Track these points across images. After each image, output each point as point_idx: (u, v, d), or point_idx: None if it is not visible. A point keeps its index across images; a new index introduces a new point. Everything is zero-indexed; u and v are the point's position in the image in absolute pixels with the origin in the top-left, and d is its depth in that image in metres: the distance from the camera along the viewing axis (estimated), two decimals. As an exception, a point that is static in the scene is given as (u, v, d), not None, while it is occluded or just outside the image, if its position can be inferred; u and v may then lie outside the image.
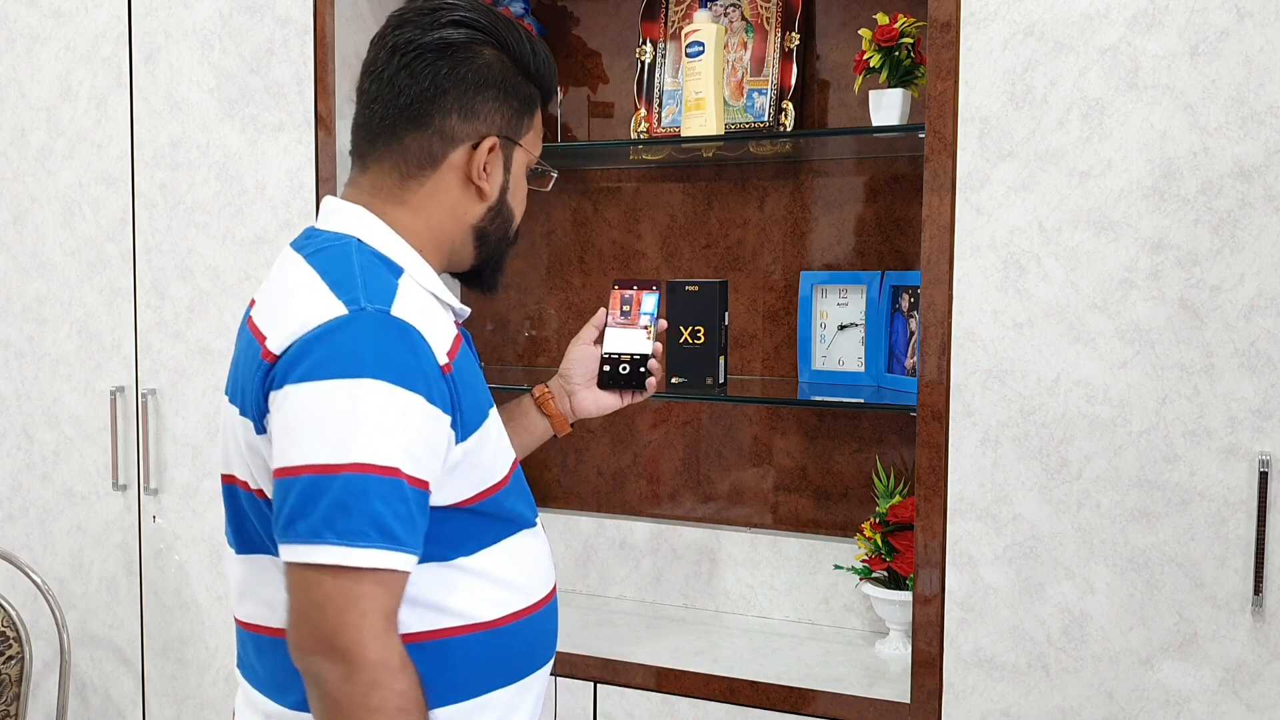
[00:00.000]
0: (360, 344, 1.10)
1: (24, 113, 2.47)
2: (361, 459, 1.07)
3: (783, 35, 2.18)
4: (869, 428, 2.22)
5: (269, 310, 1.18)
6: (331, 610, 1.07)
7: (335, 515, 1.07)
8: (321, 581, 1.08)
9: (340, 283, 1.14)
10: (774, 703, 1.92)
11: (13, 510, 2.55)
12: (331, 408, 1.08)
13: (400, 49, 1.23)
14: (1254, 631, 1.62)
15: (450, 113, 1.24)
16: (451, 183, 1.26)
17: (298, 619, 1.11)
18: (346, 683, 1.08)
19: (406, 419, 1.10)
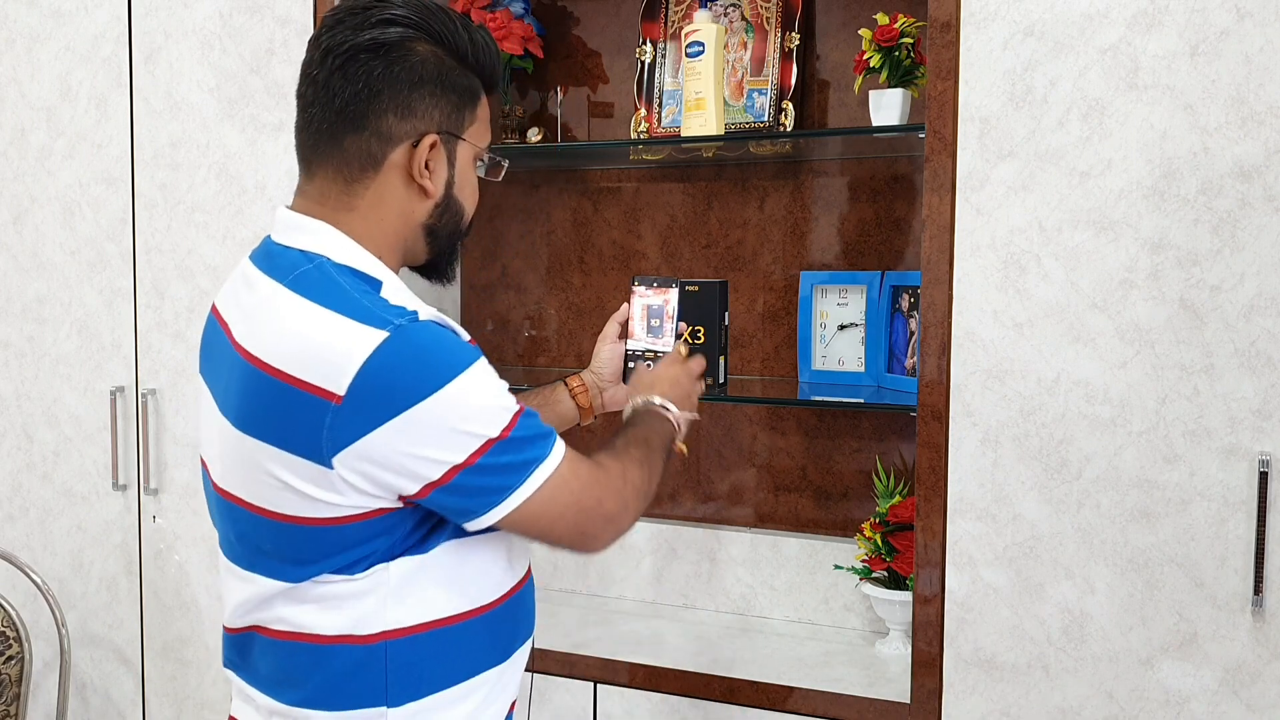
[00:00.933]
0: (428, 354, 1.17)
1: (24, 113, 2.47)
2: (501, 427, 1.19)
3: (783, 35, 2.18)
4: (869, 428, 2.22)
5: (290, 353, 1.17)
6: (581, 494, 1.26)
7: (519, 456, 1.21)
8: (555, 490, 1.23)
9: (352, 309, 1.17)
10: (774, 703, 1.92)
11: (13, 510, 2.55)
12: (455, 411, 1.16)
13: (333, 51, 1.22)
14: (1254, 631, 1.62)
15: (386, 113, 1.23)
16: (395, 183, 1.26)
17: (568, 532, 1.27)
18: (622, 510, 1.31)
19: (489, 384, 1.21)
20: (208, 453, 1.32)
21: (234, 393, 1.22)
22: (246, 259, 1.30)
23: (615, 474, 1.31)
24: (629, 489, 1.32)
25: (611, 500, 1.29)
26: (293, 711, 1.26)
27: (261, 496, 1.21)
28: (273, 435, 1.18)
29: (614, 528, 1.31)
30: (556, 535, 1.27)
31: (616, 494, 1.30)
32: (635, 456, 1.36)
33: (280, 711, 1.27)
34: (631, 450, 1.37)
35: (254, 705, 1.31)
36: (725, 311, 2.11)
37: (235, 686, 1.35)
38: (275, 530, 1.22)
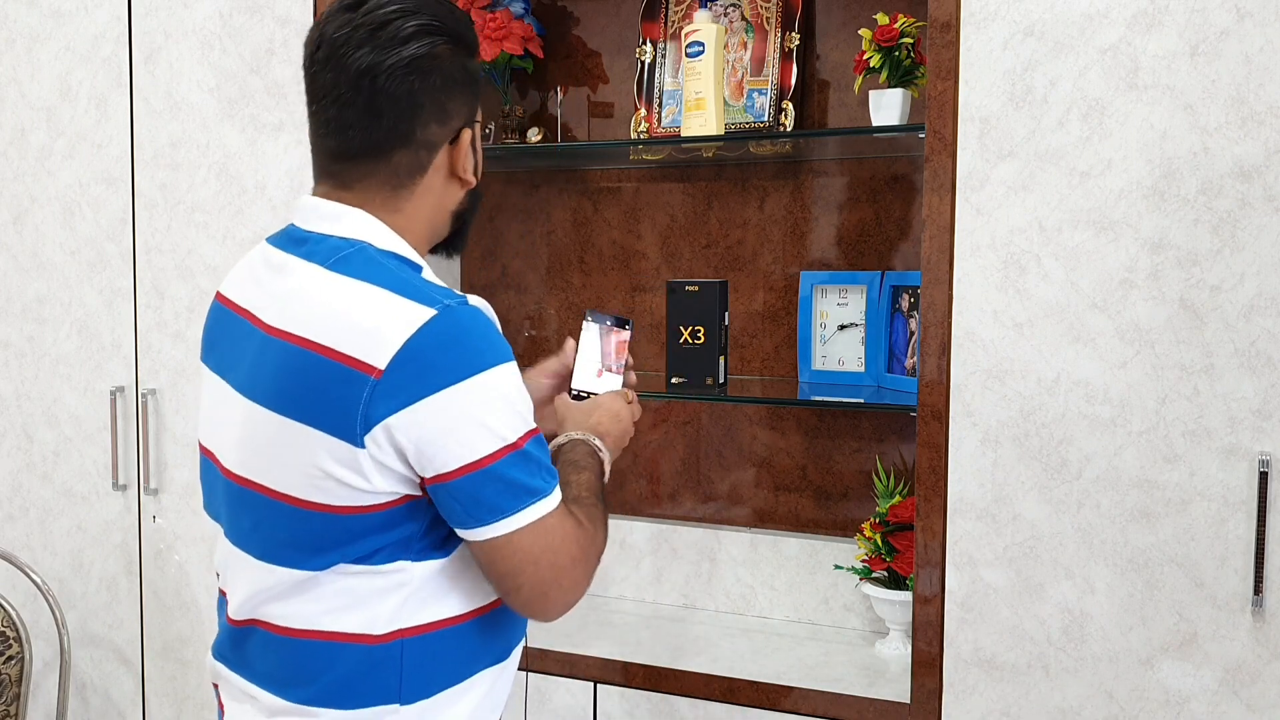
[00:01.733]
0: (472, 338, 1.19)
1: (24, 113, 2.47)
2: (516, 435, 1.20)
3: (783, 35, 2.18)
4: (869, 428, 2.22)
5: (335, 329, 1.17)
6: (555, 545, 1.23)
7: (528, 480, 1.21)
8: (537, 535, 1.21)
9: (402, 287, 1.19)
10: (774, 703, 1.92)
11: (13, 510, 2.55)
12: (483, 402, 1.18)
13: (367, 74, 1.22)
14: (1254, 631, 1.62)
15: (429, 123, 1.26)
16: (438, 181, 1.30)
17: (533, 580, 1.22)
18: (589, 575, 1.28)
19: (517, 387, 1.23)
20: (217, 442, 1.30)
21: (265, 374, 1.22)
22: (266, 246, 1.30)
23: (590, 538, 1.28)
24: (596, 557, 1.30)
25: (582, 568, 1.27)
26: (302, 709, 1.25)
27: (285, 482, 1.21)
28: (307, 413, 1.18)
29: (570, 597, 1.27)
30: (518, 581, 1.23)
31: (587, 560, 1.27)
32: (600, 518, 1.32)
33: (286, 710, 1.26)
34: (597, 511, 1.32)
35: (255, 704, 1.30)
36: (725, 311, 2.11)
37: (228, 685, 1.35)
38: (295, 517, 1.21)
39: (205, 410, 1.34)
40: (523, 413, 1.22)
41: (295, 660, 1.25)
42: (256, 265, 1.29)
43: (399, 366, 1.15)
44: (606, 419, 1.47)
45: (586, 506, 1.30)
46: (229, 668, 1.34)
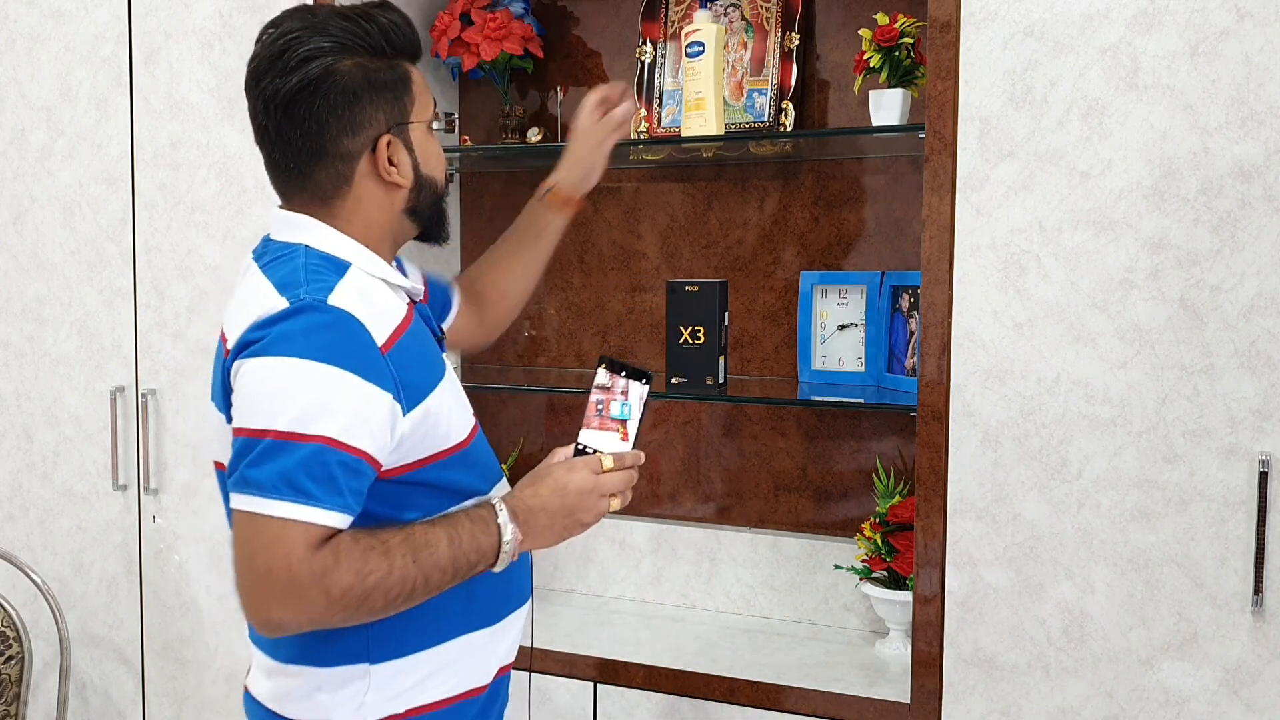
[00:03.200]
0: (294, 329, 1.22)
1: (24, 113, 2.47)
2: (280, 427, 1.19)
3: (783, 35, 2.18)
4: (869, 428, 2.22)
5: (231, 315, 1.30)
6: (253, 549, 1.19)
7: (251, 470, 1.19)
8: (246, 525, 1.19)
9: (285, 283, 1.27)
10: (774, 703, 1.92)
11: (13, 510, 2.55)
12: (265, 381, 1.21)
13: (271, 100, 1.30)
14: (1254, 631, 1.62)
15: (339, 137, 1.31)
16: (369, 187, 1.35)
17: (236, 564, 1.21)
18: (300, 607, 1.18)
19: (335, 393, 1.21)
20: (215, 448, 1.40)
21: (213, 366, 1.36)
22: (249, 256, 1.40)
23: (324, 573, 1.18)
24: (323, 596, 1.18)
25: (282, 588, 1.17)
26: (285, 668, 1.35)
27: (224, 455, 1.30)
28: (214, 394, 1.33)
29: (261, 608, 1.19)
30: (234, 569, 1.22)
31: (297, 585, 1.17)
32: (383, 578, 1.21)
33: (275, 669, 1.37)
34: (389, 572, 1.22)
35: (259, 665, 1.41)
36: (725, 311, 2.11)
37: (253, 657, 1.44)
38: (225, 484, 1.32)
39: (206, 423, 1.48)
40: (317, 417, 1.18)
41: None
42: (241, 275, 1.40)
43: (239, 342, 1.25)
44: (547, 491, 1.35)
45: (372, 553, 1.21)
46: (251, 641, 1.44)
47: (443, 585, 1.27)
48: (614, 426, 1.40)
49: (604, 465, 1.37)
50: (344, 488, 1.20)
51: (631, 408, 1.40)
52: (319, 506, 1.18)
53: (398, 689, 1.34)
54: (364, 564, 1.20)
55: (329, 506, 1.19)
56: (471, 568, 1.29)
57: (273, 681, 1.37)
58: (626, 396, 1.40)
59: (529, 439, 2.52)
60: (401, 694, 1.34)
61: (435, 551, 1.25)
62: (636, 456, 1.40)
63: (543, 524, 1.34)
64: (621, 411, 1.40)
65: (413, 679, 1.34)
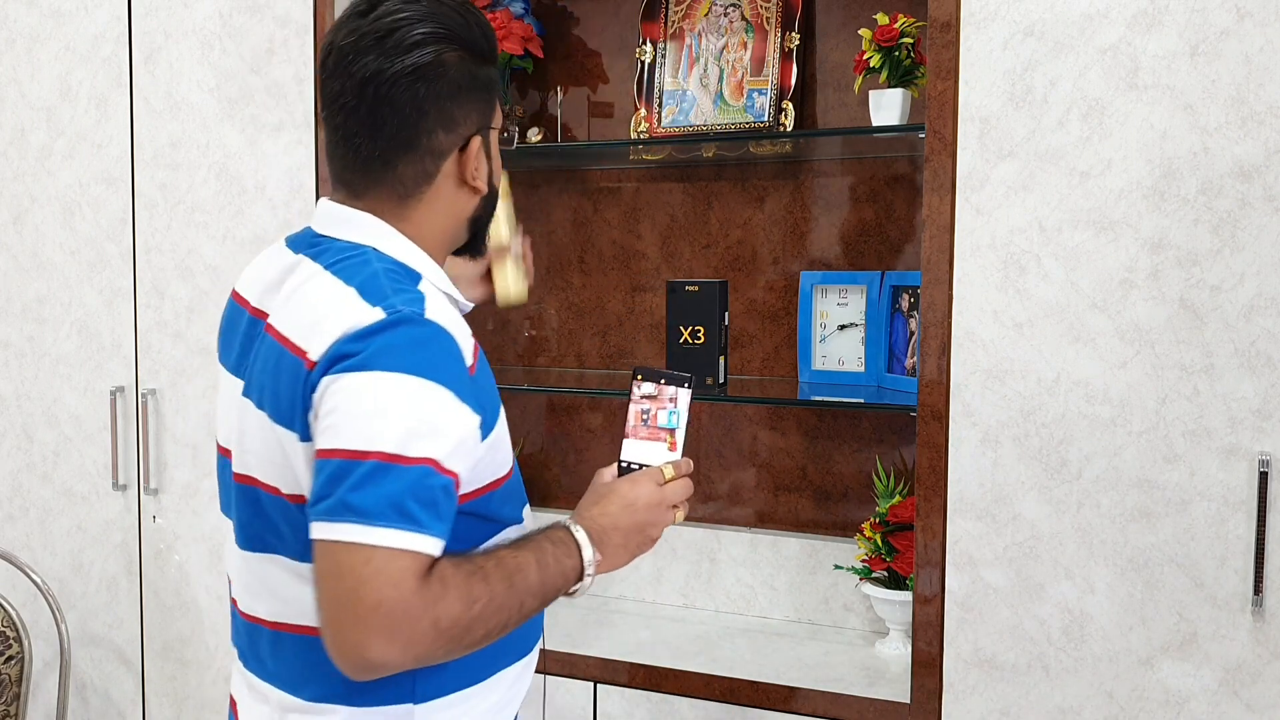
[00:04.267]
0: (397, 343, 1.13)
1: (24, 113, 2.47)
2: (387, 448, 1.10)
3: (783, 35, 2.18)
4: (869, 428, 2.22)
5: (301, 323, 1.19)
6: (357, 582, 1.08)
7: (354, 495, 1.09)
8: (347, 555, 1.08)
9: (369, 290, 1.17)
10: (774, 703, 1.92)
11: (13, 510, 2.55)
12: (367, 398, 1.11)
13: (371, 81, 1.22)
14: (1254, 631, 1.62)
15: (435, 130, 1.25)
16: (447, 189, 1.29)
17: (331, 599, 1.10)
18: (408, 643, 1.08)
19: (438, 413, 1.13)
20: (227, 439, 1.30)
21: (263, 374, 1.22)
22: (282, 248, 1.31)
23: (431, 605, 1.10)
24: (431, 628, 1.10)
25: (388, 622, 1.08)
26: (314, 707, 1.23)
27: (271, 475, 1.21)
28: (276, 409, 1.19)
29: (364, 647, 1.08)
30: (318, 595, 1.12)
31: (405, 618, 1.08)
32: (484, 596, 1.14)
33: (299, 708, 1.25)
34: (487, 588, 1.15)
35: (267, 703, 1.28)
36: (725, 311, 2.11)
37: (241, 679, 1.33)
38: (283, 509, 1.21)
39: (220, 410, 1.33)
40: (425, 436, 1.11)
41: (306, 657, 1.23)
42: (272, 265, 1.30)
43: (329, 355, 1.14)
44: (616, 509, 1.30)
45: (475, 580, 1.15)
46: (244, 664, 1.33)
47: (533, 611, 1.21)
48: (662, 436, 1.37)
49: (665, 476, 1.34)
50: (444, 513, 1.13)
51: (679, 414, 1.37)
52: (426, 534, 1.10)
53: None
54: (469, 591, 1.13)
55: (434, 534, 1.11)
56: (557, 592, 1.23)
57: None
58: (675, 404, 1.37)
59: (529, 439, 2.52)
60: None
61: (528, 576, 1.19)
62: (689, 464, 1.37)
63: (617, 543, 1.30)
64: (669, 420, 1.37)
65: (450, 716, 1.26)
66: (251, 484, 1.24)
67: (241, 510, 1.27)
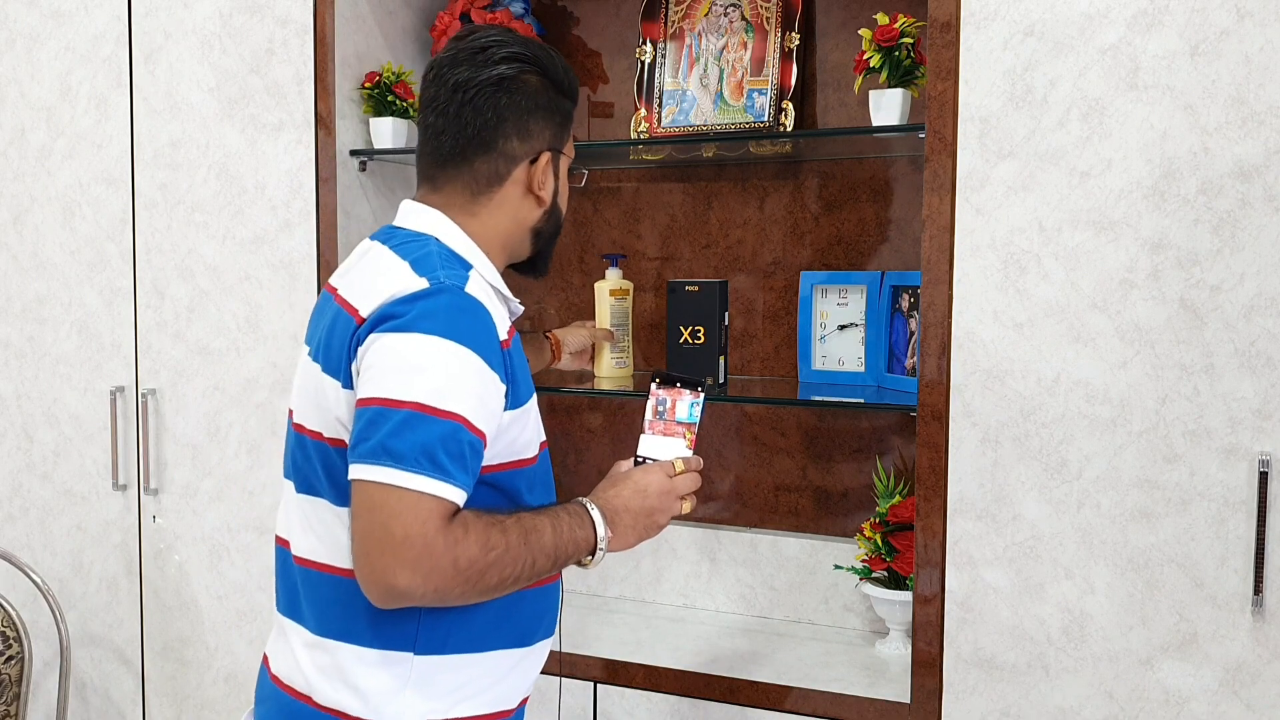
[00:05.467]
0: (437, 309, 1.28)
1: (24, 113, 2.47)
2: (422, 399, 1.23)
3: (783, 35, 2.18)
4: (869, 428, 2.22)
5: (359, 288, 1.34)
6: (389, 516, 1.21)
7: (392, 440, 1.22)
8: (381, 494, 1.22)
9: (420, 263, 1.33)
10: (774, 703, 1.92)
11: (13, 510, 2.55)
12: (407, 355, 1.25)
13: (461, 86, 1.41)
14: (1254, 631, 1.62)
15: (511, 137, 1.42)
16: (514, 194, 1.45)
17: (364, 531, 1.23)
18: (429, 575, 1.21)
19: (469, 375, 1.27)
20: (295, 401, 1.43)
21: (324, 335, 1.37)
22: (367, 239, 1.46)
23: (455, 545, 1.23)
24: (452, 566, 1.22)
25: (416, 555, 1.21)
26: (323, 642, 1.36)
27: (318, 421, 1.35)
28: (329, 362, 1.33)
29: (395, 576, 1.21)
30: (355, 530, 1.25)
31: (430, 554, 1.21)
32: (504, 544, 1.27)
33: (311, 642, 1.37)
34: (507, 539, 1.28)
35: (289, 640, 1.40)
36: (725, 311, 2.11)
37: (277, 630, 1.45)
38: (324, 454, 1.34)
39: (296, 379, 1.45)
40: (460, 394, 1.25)
41: (327, 595, 1.35)
42: (354, 253, 1.45)
43: (375, 315, 1.29)
44: (629, 493, 1.45)
45: (493, 529, 1.27)
46: (281, 611, 1.44)
47: (544, 571, 1.33)
48: (679, 431, 1.52)
49: (676, 468, 1.50)
50: (469, 467, 1.26)
51: (698, 409, 1.52)
52: (453, 484, 1.24)
53: (437, 690, 1.35)
54: (488, 538, 1.25)
55: (459, 484, 1.24)
56: (568, 559, 1.36)
57: (310, 655, 1.36)
58: (695, 396, 1.52)
59: (529, 439, 2.51)
60: (439, 697, 1.35)
61: (542, 536, 1.32)
62: (700, 461, 1.53)
63: (626, 524, 1.43)
64: (689, 414, 1.53)
65: (451, 682, 1.35)
66: (302, 431, 1.39)
67: (296, 456, 1.41)
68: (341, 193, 2.21)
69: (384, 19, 2.31)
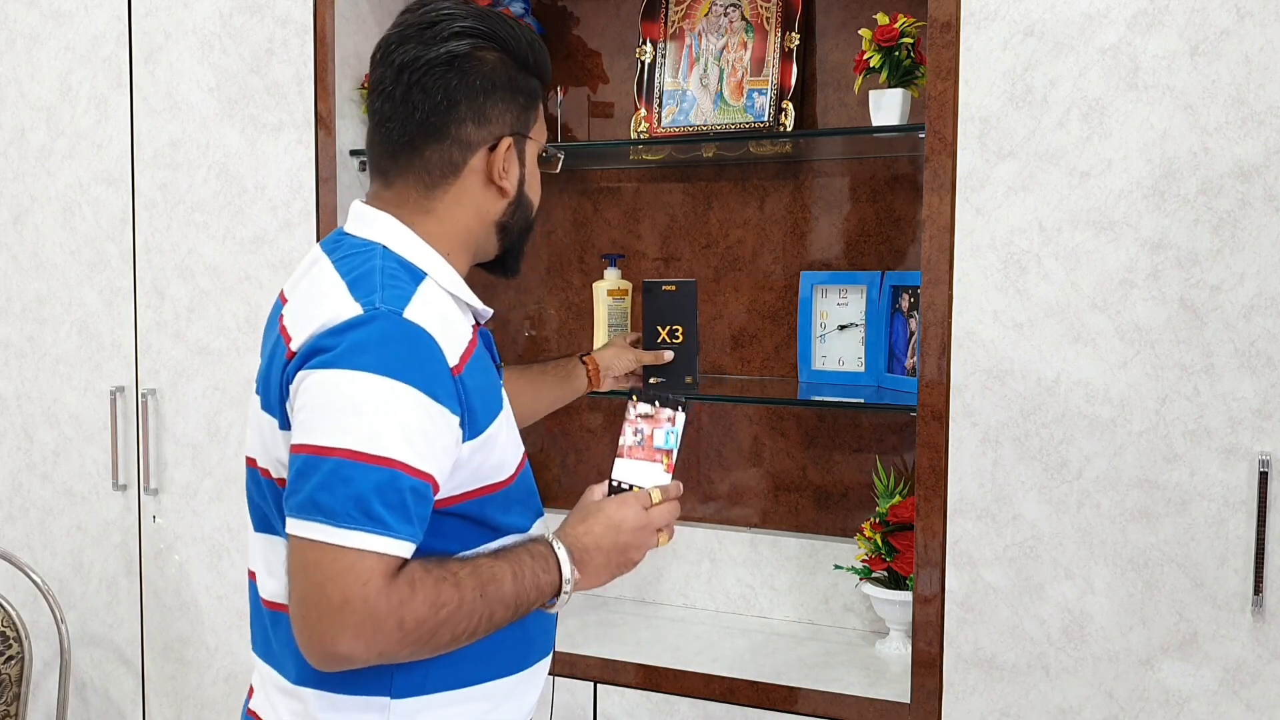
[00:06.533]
0: (369, 340, 1.15)
1: (24, 113, 2.47)
2: (352, 445, 1.12)
3: (783, 35, 2.18)
4: (869, 428, 2.22)
5: (296, 312, 1.23)
6: (324, 578, 1.10)
7: (321, 494, 1.11)
8: (314, 553, 1.11)
9: (359, 284, 1.20)
10: (774, 703, 1.92)
11: (13, 510, 2.55)
12: (335, 395, 1.14)
13: (407, 67, 1.26)
14: (1254, 631, 1.62)
15: (465, 121, 1.28)
16: (474, 185, 1.31)
17: (299, 594, 1.13)
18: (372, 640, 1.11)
19: (407, 413, 1.14)
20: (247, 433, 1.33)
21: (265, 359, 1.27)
22: (315, 246, 1.35)
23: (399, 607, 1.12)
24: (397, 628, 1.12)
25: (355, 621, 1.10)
26: (293, 689, 1.26)
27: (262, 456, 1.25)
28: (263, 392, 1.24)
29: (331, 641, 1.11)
30: (294, 599, 1.14)
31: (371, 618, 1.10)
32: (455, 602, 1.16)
33: (282, 688, 1.27)
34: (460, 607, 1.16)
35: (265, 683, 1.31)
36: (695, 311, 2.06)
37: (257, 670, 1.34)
38: (274, 492, 1.24)
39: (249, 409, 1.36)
40: (393, 439, 1.12)
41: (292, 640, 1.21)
42: (304, 261, 1.34)
43: (305, 348, 1.17)
44: (600, 529, 1.31)
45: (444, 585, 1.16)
46: (257, 655, 1.34)
47: (504, 622, 1.22)
48: (658, 457, 1.38)
49: (653, 499, 1.35)
50: (414, 515, 1.14)
51: (676, 435, 1.38)
52: (393, 536, 1.12)
53: None
54: (437, 595, 1.14)
55: (402, 536, 1.13)
56: (530, 606, 1.24)
57: (285, 701, 1.28)
58: (672, 424, 1.38)
59: (529, 440, 2.51)
60: None
61: (501, 587, 1.20)
62: (679, 488, 1.38)
63: (598, 563, 1.31)
64: (666, 441, 1.38)
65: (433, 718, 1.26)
66: (253, 466, 1.28)
67: (251, 491, 1.31)
68: (341, 193, 2.21)
69: (384, 19, 2.31)
